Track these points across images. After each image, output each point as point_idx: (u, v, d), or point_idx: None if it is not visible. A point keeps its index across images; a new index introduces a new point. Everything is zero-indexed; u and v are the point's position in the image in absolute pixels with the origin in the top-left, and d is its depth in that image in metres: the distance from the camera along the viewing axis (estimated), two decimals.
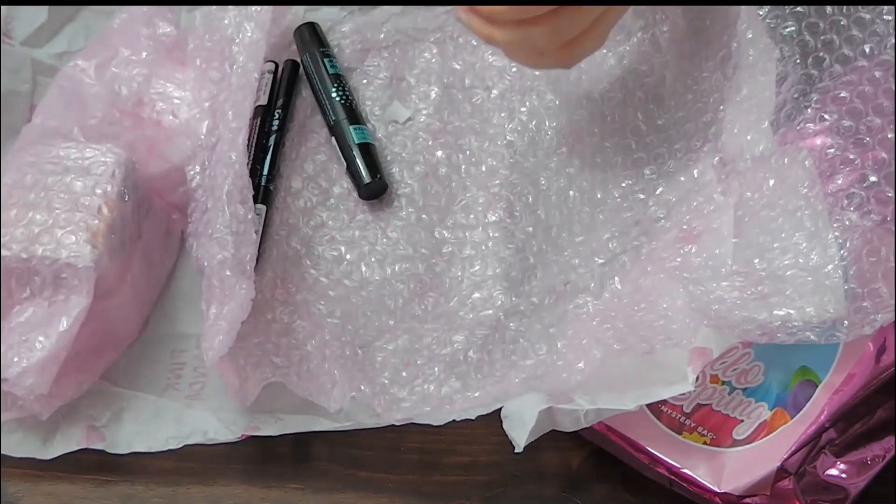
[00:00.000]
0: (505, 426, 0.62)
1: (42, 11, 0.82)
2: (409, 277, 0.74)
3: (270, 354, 0.71)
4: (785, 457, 0.61)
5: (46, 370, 0.66)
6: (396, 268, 0.75)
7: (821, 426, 0.61)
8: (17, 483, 0.69)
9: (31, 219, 0.68)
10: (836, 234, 0.58)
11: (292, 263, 0.75)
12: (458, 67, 0.81)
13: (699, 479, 0.62)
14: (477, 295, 0.73)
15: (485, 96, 0.80)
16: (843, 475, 0.61)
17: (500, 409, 0.63)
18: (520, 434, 0.61)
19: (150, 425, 0.70)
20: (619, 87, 0.77)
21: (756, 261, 0.60)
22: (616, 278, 0.70)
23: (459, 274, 0.74)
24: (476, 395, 0.69)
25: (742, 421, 0.63)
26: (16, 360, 0.66)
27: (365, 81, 0.81)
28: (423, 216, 0.76)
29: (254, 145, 0.78)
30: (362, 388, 0.70)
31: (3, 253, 0.67)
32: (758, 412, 0.63)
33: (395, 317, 0.73)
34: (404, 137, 0.79)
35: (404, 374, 0.71)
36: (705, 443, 0.63)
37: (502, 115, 0.79)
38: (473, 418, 0.66)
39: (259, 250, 0.74)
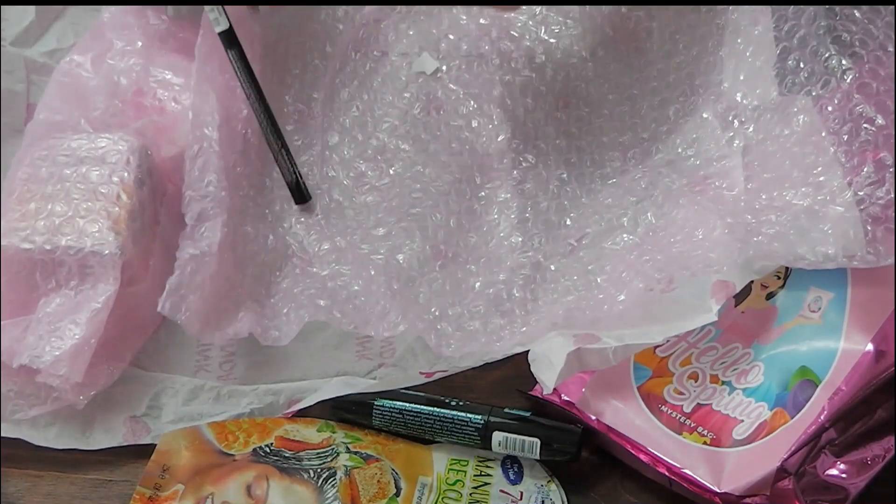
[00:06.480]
0: (533, 369, 0.63)
1: (29, 11, 0.82)
2: (449, 217, 0.75)
3: (314, 298, 0.72)
4: (785, 457, 0.61)
5: (79, 357, 0.66)
6: (437, 215, 0.75)
7: (821, 426, 0.61)
8: (17, 483, 0.69)
9: (52, 210, 0.69)
10: (873, 171, 0.59)
11: (336, 214, 0.76)
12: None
13: (699, 479, 0.62)
14: (515, 238, 0.74)
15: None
16: (843, 475, 0.61)
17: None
18: (549, 376, 0.62)
19: (189, 407, 0.71)
20: (645, 33, 0.78)
21: (789, 195, 0.61)
22: (649, 213, 0.71)
23: (496, 217, 0.75)
24: (523, 329, 0.70)
25: (742, 421, 0.63)
26: (48, 349, 0.66)
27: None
28: None
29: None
30: (413, 321, 0.70)
31: (26, 246, 0.67)
32: (758, 412, 0.63)
33: (438, 255, 0.74)
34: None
35: (450, 311, 0.72)
36: (705, 443, 0.63)
37: (532, 67, 0.79)
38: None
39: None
